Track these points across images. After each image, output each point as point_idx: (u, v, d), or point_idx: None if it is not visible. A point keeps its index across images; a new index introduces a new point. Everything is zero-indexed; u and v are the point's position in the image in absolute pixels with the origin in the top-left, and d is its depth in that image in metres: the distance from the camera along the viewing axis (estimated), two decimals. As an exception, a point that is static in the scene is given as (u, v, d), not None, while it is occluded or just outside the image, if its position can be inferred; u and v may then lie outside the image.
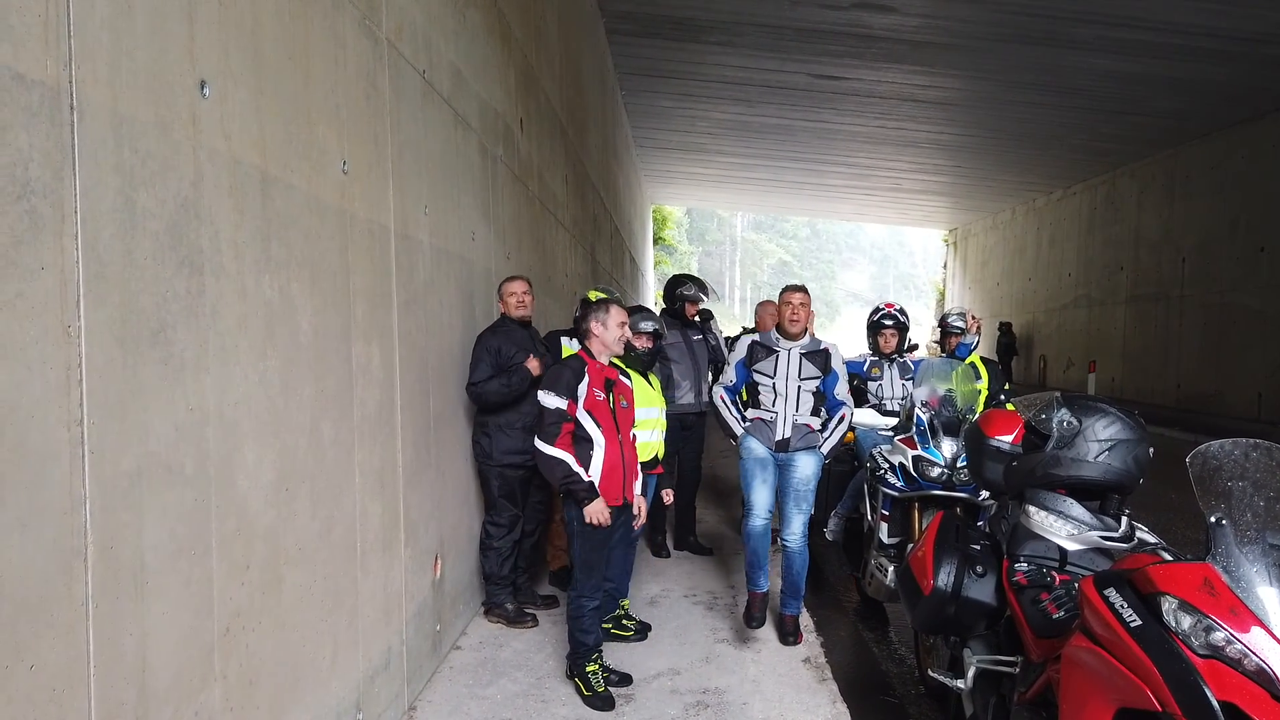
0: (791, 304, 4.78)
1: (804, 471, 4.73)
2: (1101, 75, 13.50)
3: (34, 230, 1.68)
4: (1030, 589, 2.93)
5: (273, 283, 2.60)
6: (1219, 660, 2.10)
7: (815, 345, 4.83)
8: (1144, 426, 2.93)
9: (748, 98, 16.17)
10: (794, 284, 4.96)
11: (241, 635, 2.38)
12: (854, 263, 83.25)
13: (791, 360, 4.76)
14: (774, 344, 4.84)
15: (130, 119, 1.96)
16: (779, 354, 4.79)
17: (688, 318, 6.41)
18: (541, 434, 3.93)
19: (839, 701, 4.08)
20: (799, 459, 4.72)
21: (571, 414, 3.93)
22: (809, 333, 4.85)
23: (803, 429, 4.74)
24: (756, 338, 5.02)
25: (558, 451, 3.88)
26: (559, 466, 3.89)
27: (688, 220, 52.19)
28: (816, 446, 4.75)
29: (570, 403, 3.92)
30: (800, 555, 4.78)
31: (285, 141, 2.69)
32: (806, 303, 4.81)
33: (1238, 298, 15.92)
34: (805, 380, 4.74)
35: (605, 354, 4.09)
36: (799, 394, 4.73)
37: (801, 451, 4.72)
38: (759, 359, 4.83)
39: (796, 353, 4.77)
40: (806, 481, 4.74)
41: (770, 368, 4.78)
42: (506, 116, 5.91)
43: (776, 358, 4.79)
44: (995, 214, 27.77)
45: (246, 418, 2.43)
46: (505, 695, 4.05)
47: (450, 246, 4.49)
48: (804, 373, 4.74)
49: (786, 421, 4.72)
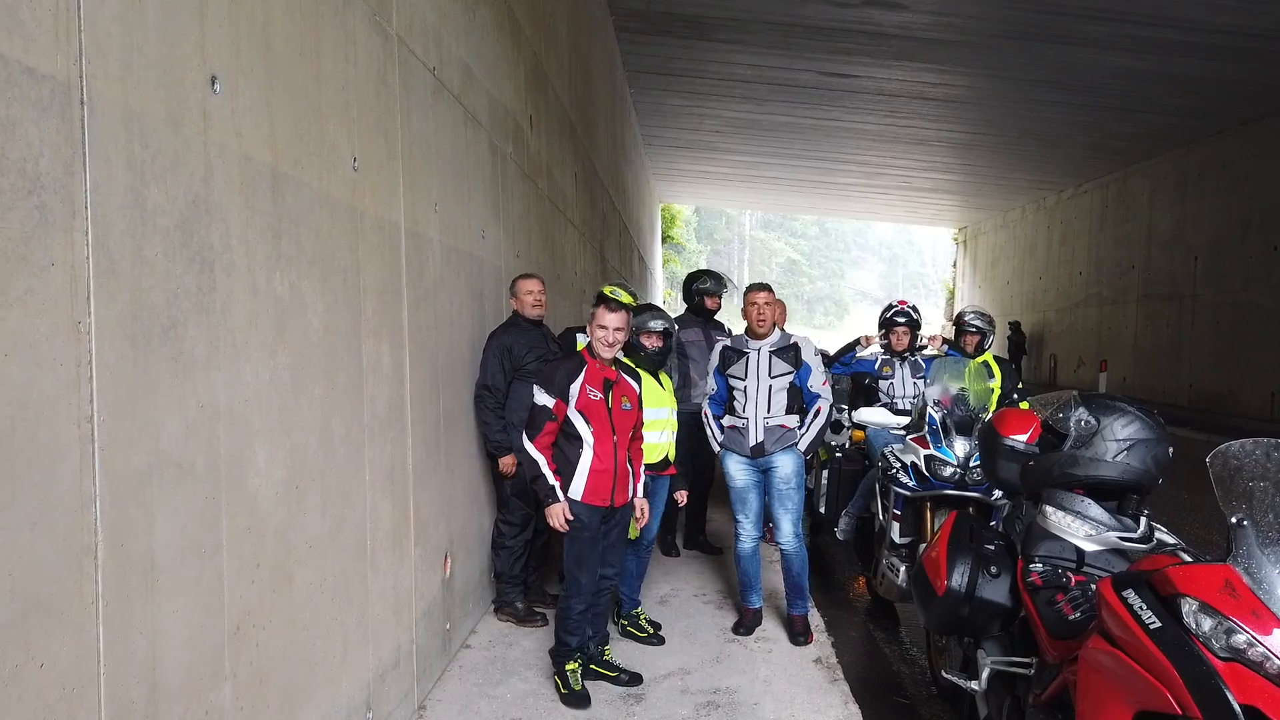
0: (756, 304, 4.75)
1: (783, 471, 4.70)
2: (1113, 73, 13.42)
3: (44, 226, 1.66)
4: (1045, 589, 2.90)
5: (283, 280, 2.58)
6: (1240, 663, 2.07)
7: (785, 341, 4.81)
8: (1163, 426, 2.89)
9: (757, 96, 16.13)
10: (757, 283, 4.92)
11: (252, 633, 2.37)
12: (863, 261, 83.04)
13: (761, 360, 4.73)
14: (744, 346, 4.82)
15: (141, 114, 1.94)
16: (749, 355, 4.77)
17: (709, 311, 6.34)
18: (527, 429, 3.94)
19: (850, 702, 4.05)
20: (777, 460, 4.70)
21: (560, 413, 3.90)
22: (778, 329, 4.84)
23: (776, 430, 4.70)
24: (727, 342, 5.01)
25: (534, 451, 3.89)
26: (532, 466, 3.91)
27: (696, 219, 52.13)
28: (794, 445, 4.72)
29: (559, 401, 3.89)
30: (797, 555, 4.77)
31: (296, 138, 2.67)
32: (772, 301, 4.80)
33: (1250, 296, 15.82)
34: (777, 378, 4.71)
35: (607, 353, 4.02)
36: (770, 394, 4.70)
37: (779, 453, 4.70)
38: (731, 363, 4.81)
39: (766, 351, 4.75)
40: (788, 481, 4.70)
41: (742, 370, 4.76)
42: (516, 114, 5.90)
43: (746, 359, 4.77)
44: (1005, 212, 27.66)
45: (257, 415, 2.42)
46: (515, 694, 4.03)
47: (460, 244, 4.48)
48: (774, 370, 4.71)
49: (758, 425, 4.70)
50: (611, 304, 4.05)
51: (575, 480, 3.93)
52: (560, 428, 3.93)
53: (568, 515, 3.89)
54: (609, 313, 3.98)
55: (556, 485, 3.89)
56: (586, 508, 3.94)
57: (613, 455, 3.97)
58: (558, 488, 3.89)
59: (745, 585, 4.89)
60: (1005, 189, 24.33)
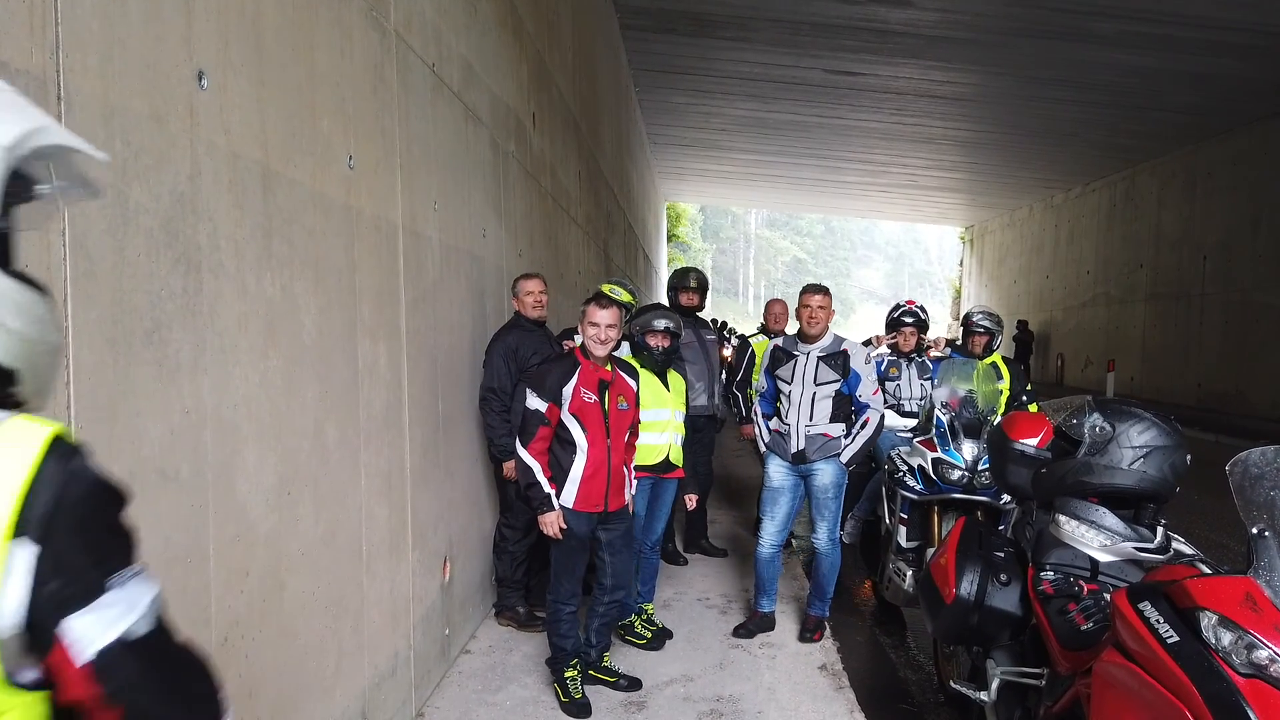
0: (810, 306, 4.65)
1: (822, 481, 4.64)
2: (1122, 70, 13.31)
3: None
4: (1057, 599, 2.83)
5: (275, 280, 2.52)
6: (1262, 680, 1.99)
7: (834, 347, 4.69)
8: (1181, 432, 2.81)
9: (762, 94, 16.04)
10: (814, 284, 4.81)
11: (240, 644, 2.31)
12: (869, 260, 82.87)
13: (808, 365, 4.63)
14: (794, 348, 4.73)
15: (122, 110, 1.88)
16: (797, 358, 4.68)
17: (686, 308, 6.12)
18: (520, 435, 3.85)
19: (856, 711, 3.98)
20: (818, 469, 4.63)
21: (553, 418, 3.81)
22: (831, 333, 4.74)
23: (818, 439, 4.62)
24: (779, 342, 4.91)
25: (528, 457, 3.80)
26: (525, 473, 3.83)
27: (701, 217, 52.03)
28: (837, 454, 4.64)
29: (551, 405, 3.79)
30: (827, 557, 4.72)
31: (288, 135, 2.61)
32: (826, 305, 4.68)
33: (1260, 296, 15.69)
34: (821, 385, 4.61)
35: (600, 350, 3.91)
36: (814, 401, 4.60)
37: (820, 462, 4.62)
38: (780, 364, 4.72)
39: (814, 356, 4.65)
40: (825, 490, 4.65)
41: (789, 373, 4.67)
42: (519, 111, 5.83)
43: (795, 363, 4.67)
44: (1013, 211, 27.52)
45: (247, 420, 2.35)
46: (515, 701, 3.97)
47: (460, 243, 4.41)
48: (820, 377, 4.61)
49: (800, 433, 4.62)
50: (602, 300, 3.96)
51: (567, 488, 3.85)
52: (554, 432, 3.86)
53: (561, 525, 3.83)
54: (600, 309, 3.88)
55: (552, 493, 3.81)
56: (577, 515, 3.86)
57: (607, 459, 3.89)
58: (553, 496, 3.82)
59: (759, 589, 4.83)
60: (1012, 187, 24.21)
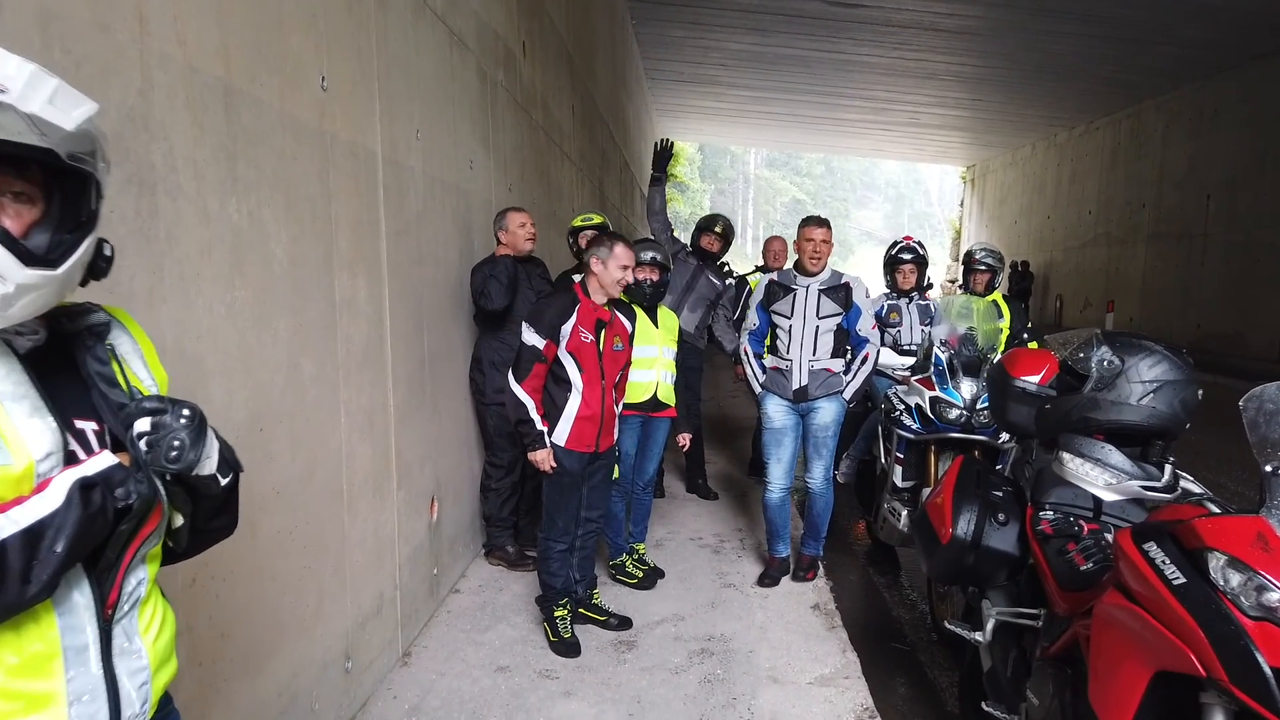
0: (814, 240, 4.50)
1: (823, 419, 4.53)
2: (1129, 2, 12.93)
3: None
4: (1056, 539, 2.74)
5: (240, 206, 2.38)
6: (1272, 623, 1.90)
7: (835, 280, 4.57)
8: (1192, 366, 2.70)
9: (762, 27, 15.61)
10: (814, 216, 4.64)
11: (209, 585, 2.22)
12: (869, 201, 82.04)
13: (809, 298, 4.50)
14: (792, 282, 4.59)
15: (61, 16, 1.73)
16: (796, 292, 4.54)
17: (707, 253, 6.01)
18: (514, 370, 3.72)
19: (849, 650, 3.95)
20: (819, 406, 4.52)
21: (549, 354, 3.70)
22: (829, 267, 4.60)
23: (821, 374, 4.51)
24: (774, 276, 4.76)
25: (522, 393, 3.68)
26: (518, 408, 3.70)
27: (700, 157, 51.29)
28: (839, 391, 4.54)
29: (549, 343, 3.67)
30: (821, 496, 4.64)
31: (253, 50, 2.45)
32: (828, 239, 4.54)
33: (1263, 236, 15.48)
34: (824, 319, 4.49)
35: (601, 294, 3.80)
36: (816, 335, 4.49)
37: (822, 399, 4.52)
38: (777, 299, 4.58)
39: (815, 289, 4.52)
40: (826, 428, 4.54)
41: (788, 308, 4.53)
42: (508, 39, 5.61)
43: (794, 296, 4.53)
44: (1015, 149, 27.09)
45: (212, 353, 2.24)
46: (504, 640, 3.92)
47: (446, 175, 4.25)
48: (823, 310, 4.49)
49: (802, 368, 4.50)
50: (629, 242, 3.85)
51: (560, 425, 3.76)
52: (549, 370, 3.75)
53: (552, 462, 3.74)
54: (629, 250, 3.79)
55: (544, 430, 3.72)
56: (570, 454, 3.78)
57: (600, 400, 3.79)
58: (545, 433, 3.72)
59: (772, 535, 4.75)
60: (1015, 125, 23.77)
